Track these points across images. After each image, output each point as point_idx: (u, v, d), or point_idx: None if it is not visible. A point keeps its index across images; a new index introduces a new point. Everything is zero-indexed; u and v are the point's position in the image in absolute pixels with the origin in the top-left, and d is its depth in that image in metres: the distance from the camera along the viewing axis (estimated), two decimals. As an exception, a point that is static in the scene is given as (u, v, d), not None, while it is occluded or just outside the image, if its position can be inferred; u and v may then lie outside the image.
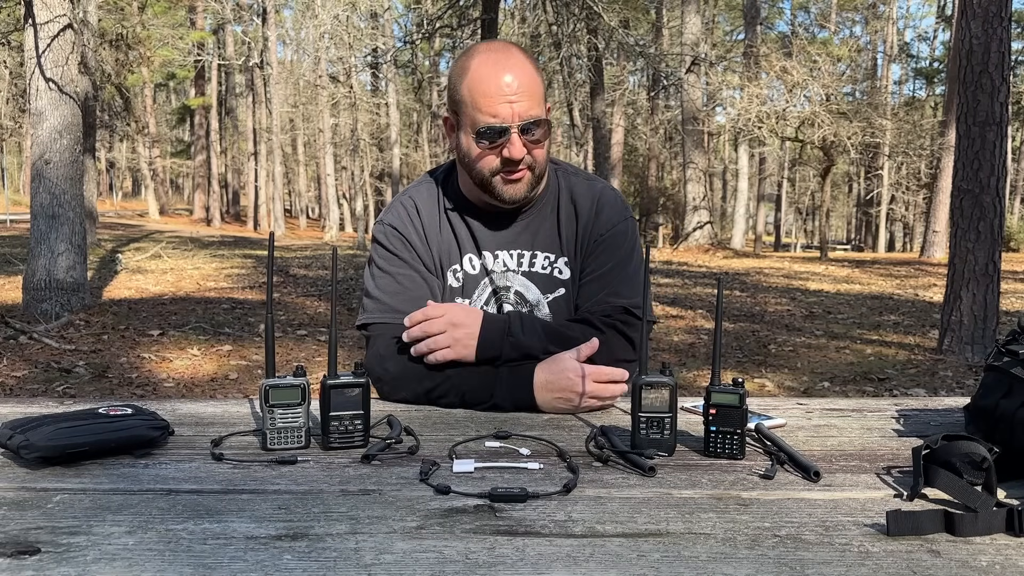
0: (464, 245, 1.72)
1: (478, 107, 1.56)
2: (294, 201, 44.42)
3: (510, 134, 1.56)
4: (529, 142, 1.58)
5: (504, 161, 1.58)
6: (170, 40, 28.18)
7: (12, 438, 1.16)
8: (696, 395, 1.55)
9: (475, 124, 1.57)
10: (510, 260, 1.71)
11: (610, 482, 1.12)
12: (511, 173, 1.60)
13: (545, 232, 1.72)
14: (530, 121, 1.56)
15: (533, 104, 1.57)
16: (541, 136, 1.60)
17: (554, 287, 1.71)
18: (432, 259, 1.71)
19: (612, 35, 13.64)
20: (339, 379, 1.26)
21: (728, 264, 16.31)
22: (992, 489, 1.01)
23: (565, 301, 1.70)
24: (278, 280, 10.96)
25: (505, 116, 1.55)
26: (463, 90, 1.59)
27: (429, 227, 1.72)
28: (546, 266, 1.71)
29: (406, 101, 34.31)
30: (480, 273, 1.71)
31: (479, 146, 1.59)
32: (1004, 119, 6.33)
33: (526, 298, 1.71)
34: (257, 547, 0.89)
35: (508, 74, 1.55)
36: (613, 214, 1.72)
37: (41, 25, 7.10)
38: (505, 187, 1.62)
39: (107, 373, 5.48)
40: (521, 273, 1.71)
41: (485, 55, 1.60)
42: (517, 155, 1.56)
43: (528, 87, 1.56)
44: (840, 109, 19.10)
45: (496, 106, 1.55)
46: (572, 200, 1.73)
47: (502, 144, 1.57)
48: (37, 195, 7.28)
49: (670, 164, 34.50)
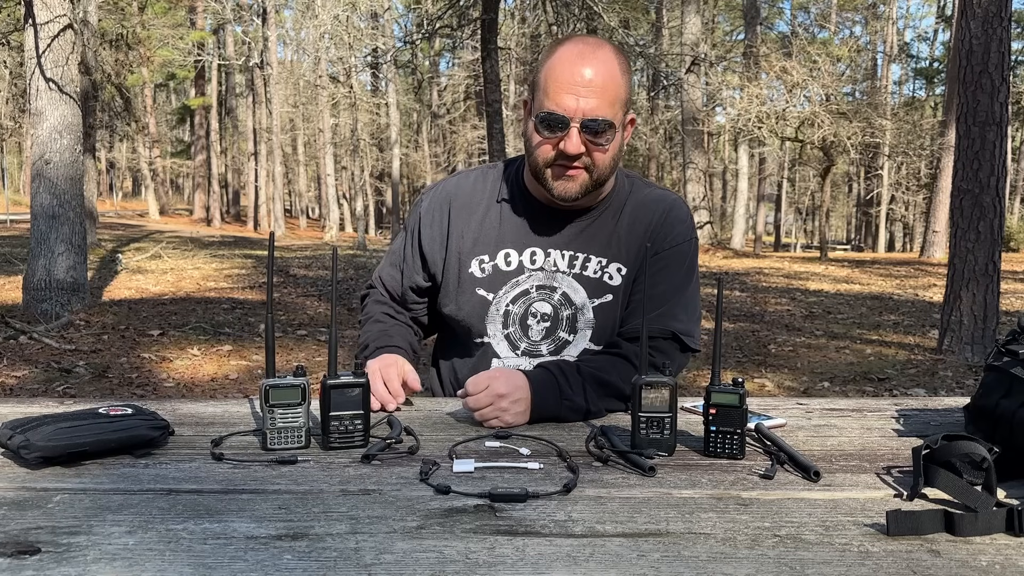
0: (506, 238, 1.66)
1: (547, 93, 1.51)
2: (294, 201, 44.41)
3: (569, 127, 1.49)
4: (590, 141, 1.51)
5: (559, 154, 1.52)
6: (170, 40, 28.18)
7: (12, 438, 1.16)
8: (696, 395, 1.55)
9: (540, 109, 1.52)
10: (561, 260, 1.65)
11: (610, 482, 1.12)
12: (565, 169, 1.54)
13: (603, 236, 1.66)
14: (594, 119, 1.49)
15: (603, 104, 1.49)
16: (605, 140, 1.51)
17: (602, 292, 1.65)
18: (438, 255, 1.70)
19: (612, 35, 13.64)
20: (339, 379, 1.26)
21: (728, 264, 16.30)
22: (992, 489, 1.01)
23: (611, 308, 1.64)
24: (278, 280, 10.96)
25: (569, 108, 1.48)
26: (542, 74, 1.54)
27: (463, 212, 1.68)
28: (597, 270, 1.65)
29: (406, 101, 34.30)
30: (515, 270, 1.65)
31: (538, 133, 1.54)
32: (1004, 119, 6.33)
33: (572, 300, 1.65)
34: (257, 547, 0.89)
35: (588, 68, 1.48)
36: (681, 230, 1.66)
37: (41, 25, 7.10)
38: (556, 182, 1.56)
39: (107, 373, 5.48)
40: (572, 275, 1.65)
41: (573, 45, 1.54)
42: (572, 150, 1.50)
43: (604, 85, 1.49)
44: (840, 109, 19.10)
45: (563, 95, 1.49)
46: (639, 208, 1.67)
47: (560, 136, 1.51)
48: (37, 195, 7.28)
49: (670, 164, 34.49)
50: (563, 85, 1.49)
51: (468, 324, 1.68)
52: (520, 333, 1.66)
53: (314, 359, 6.04)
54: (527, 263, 1.65)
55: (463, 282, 1.67)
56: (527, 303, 1.65)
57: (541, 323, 1.65)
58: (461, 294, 1.68)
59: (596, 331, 1.64)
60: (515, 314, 1.66)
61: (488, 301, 1.66)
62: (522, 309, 1.65)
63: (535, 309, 1.65)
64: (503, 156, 9.06)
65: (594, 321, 1.64)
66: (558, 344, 1.65)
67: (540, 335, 1.65)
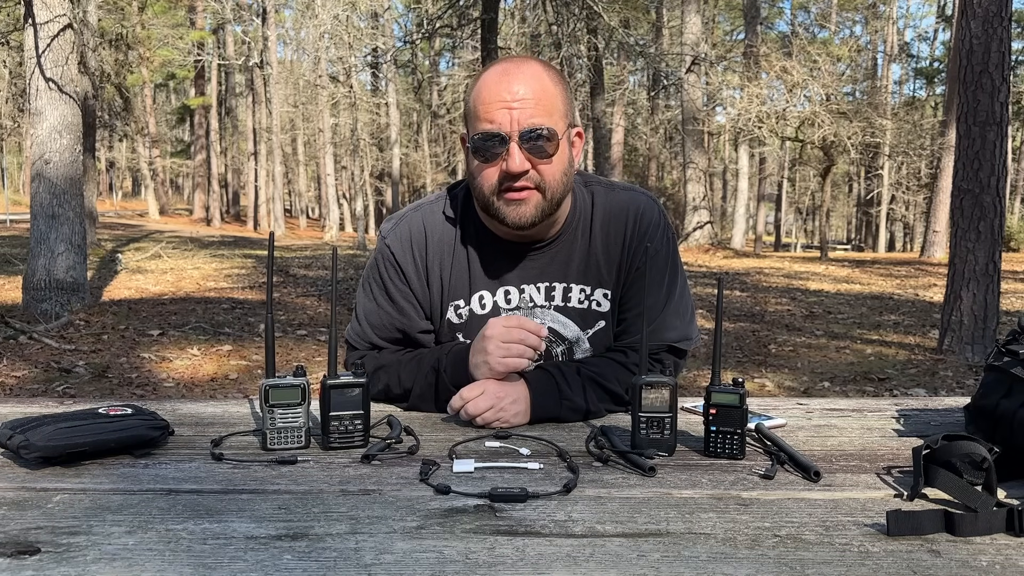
0: (476, 280, 1.55)
1: (478, 116, 1.41)
2: (294, 201, 44.40)
3: (508, 143, 1.38)
4: (533, 156, 1.40)
5: (504, 176, 1.40)
6: (170, 40, 28.20)
7: (12, 438, 1.16)
8: (696, 395, 1.56)
9: (474, 133, 1.42)
10: (538, 295, 1.55)
11: (610, 482, 1.12)
12: (514, 192, 1.41)
13: (578, 261, 1.55)
14: (532, 129, 1.38)
15: (539, 113, 1.39)
16: (550, 150, 1.40)
17: (594, 321, 1.56)
18: (427, 294, 1.56)
19: (612, 35, 13.65)
20: (339, 379, 1.26)
21: (728, 264, 16.30)
22: (992, 489, 1.01)
23: (606, 333, 1.57)
24: (278, 280, 10.96)
25: (503, 122, 1.38)
26: (471, 101, 1.44)
27: (436, 256, 1.55)
28: (582, 300, 1.55)
29: (406, 101, 34.29)
30: (491, 312, 1.54)
31: (478, 159, 1.42)
32: (1004, 119, 6.33)
33: (563, 335, 1.56)
34: (257, 547, 0.89)
35: (515, 83, 1.39)
36: (656, 234, 1.55)
37: (41, 25, 7.10)
38: (508, 208, 1.43)
39: (107, 373, 5.48)
40: (554, 308, 1.55)
41: (498, 65, 1.46)
42: (515, 168, 1.38)
43: (537, 96, 1.39)
44: (840, 109, 19.09)
45: (494, 111, 1.38)
46: (608, 222, 1.55)
47: (500, 156, 1.40)
48: (37, 195, 7.29)
49: (670, 164, 34.49)
50: (493, 103, 1.39)
51: None
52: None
53: (314, 359, 6.04)
54: (502, 303, 1.55)
55: (442, 329, 1.58)
56: None
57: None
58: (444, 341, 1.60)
59: None
60: None
61: None
62: None
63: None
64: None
65: (592, 351, 1.58)
66: None
67: None
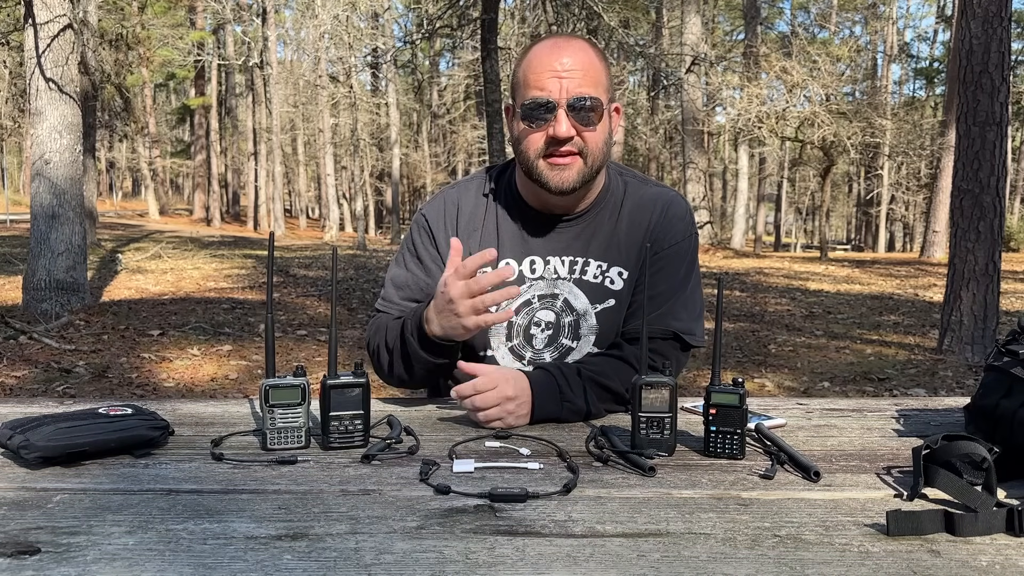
0: (504, 249, 1.63)
1: (528, 84, 1.49)
2: (294, 201, 44.41)
3: (556, 110, 1.47)
4: (579, 123, 1.47)
5: (549, 141, 1.49)
6: (170, 40, 28.20)
7: (12, 438, 1.16)
8: (696, 395, 1.56)
9: (524, 100, 1.50)
10: (561, 267, 1.62)
11: (610, 482, 1.12)
12: (558, 156, 1.50)
13: (601, 239, 1.62)
14: (581, 98, 1.46)
15: (587, 83, 1.47)
16: (595, 119, 1.49)
17: (604, 297, 1.61)
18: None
19: (612, 35, 13.66)
20: (339, 379, 1.26)
21: (728, 264, 16.30)
22: (992, 489, 1.01)
23: (615, 312, 1.61)
24: (278, 280, 10.95)
25: (552, 90, 1.46)
26: (520, 72, 1.52)
27: (467, 226, 1.64)
28: (597, 275, 1.61)
29: (406, 101, 34.30)
30: (515, 282, 1.61)
31: (524, 123, 1.51)
32: (1004, 119, 6.33)
33: (573, 307, 1.61)
34: (257, 547, 0.89)
35: (565, 54, 1.48)
36: (680, 228, 1.63)
37: (41, 25, 7.10)
38: (552, 173, 1.51)
39: (107, 373, 5.48)
40: (572, 280, 1.62)
41: (548, 39, 1.54)
42: (562, 133, 1.46)
43: (585, 67, 1.48)
44: (840, 109, 19.11)
45: (544, 80, 1.47)
46: (637, 209, 1.63)
47: (548, 122, 1.48)
48: (37, 195, 7.29)
49: (670, 164, 34.48)
50: (544, 72, 1.47)
51: (472, 339, 1.61)
52: (524, 343, 1.62)
53: (314, 359, 6.04)
54: (527, 272, 1.62)
55: None
56: (530, 314, 1.62)
57: (544, 331, 1.62)
58: None
59: (600, 336, 1.62)
60: (519, 326, 1.62)
61: None
62: (525, 320, 1.62)
63: (538, 318, 1.62)
64: (503, 156, 9.06)
65: (597, 328, 1.61)
66: (561, 351, 1.63)
67: (543, 343, 1.63)
